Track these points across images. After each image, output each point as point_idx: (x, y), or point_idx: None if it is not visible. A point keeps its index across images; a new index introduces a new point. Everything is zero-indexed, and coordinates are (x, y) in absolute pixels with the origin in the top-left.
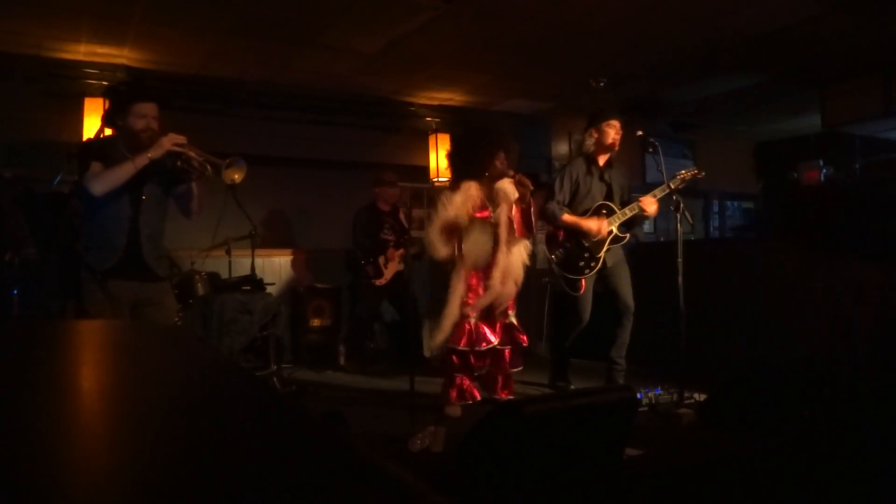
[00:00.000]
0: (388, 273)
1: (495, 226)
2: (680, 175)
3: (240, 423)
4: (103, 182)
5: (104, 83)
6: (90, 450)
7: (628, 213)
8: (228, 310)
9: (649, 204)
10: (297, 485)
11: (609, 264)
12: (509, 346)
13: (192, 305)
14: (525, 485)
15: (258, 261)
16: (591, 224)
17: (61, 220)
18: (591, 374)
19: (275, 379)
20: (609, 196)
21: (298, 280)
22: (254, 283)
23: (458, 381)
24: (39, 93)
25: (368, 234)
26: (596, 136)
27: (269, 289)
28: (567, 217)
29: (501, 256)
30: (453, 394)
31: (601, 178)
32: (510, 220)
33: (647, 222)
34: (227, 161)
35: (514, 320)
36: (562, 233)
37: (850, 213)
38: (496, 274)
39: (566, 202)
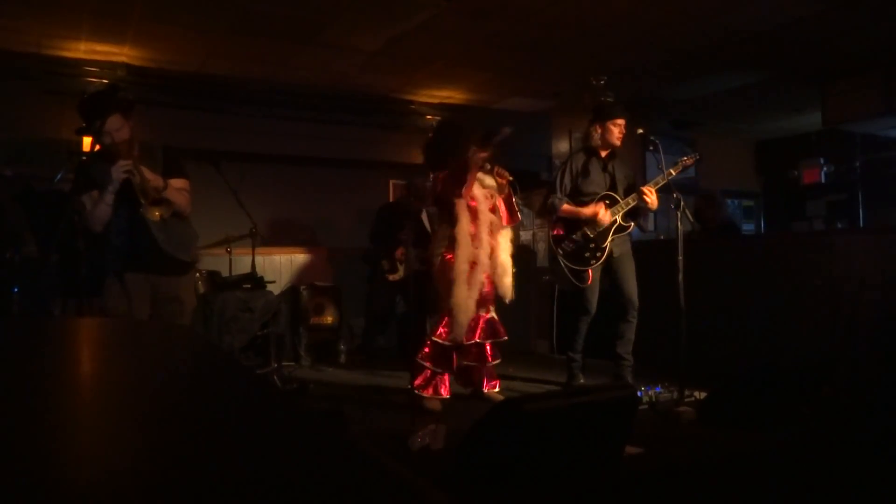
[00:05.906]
0: (404, 270)
1: (486, 213)
2: (681, 161)
3: (240, 421)
4: (94, 221)
5: (104, 81)
6: (90, 448)
7: (631, 202)
8: (229, 308)
9: (649, 193)
10: (297, 483)
11: (615, 255)
12: (491, 341)
13: None
14: (525, 483)
15: (258, 259)
16: (588, 210)
17: (62, 217)
18: (597, 371)
19: (275, 377)
20: (612, 187)
21: (299, 278)
22: (254, 280)
23: (437, 374)
24: (39, 91)
25: (387, 231)
26: (600, 132)
27: (270, 287)
28: (566, 206)
29: (503, 241)
30: (430, 388)
31: (603, 170)
32: (496, 209)
33: (650, 216)
34: (158, 196)
35: (493, 314)
36: (561, 229)
37: None
38: (500, 261)
39: (567, 195)
